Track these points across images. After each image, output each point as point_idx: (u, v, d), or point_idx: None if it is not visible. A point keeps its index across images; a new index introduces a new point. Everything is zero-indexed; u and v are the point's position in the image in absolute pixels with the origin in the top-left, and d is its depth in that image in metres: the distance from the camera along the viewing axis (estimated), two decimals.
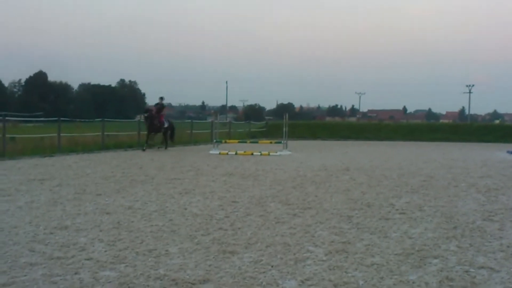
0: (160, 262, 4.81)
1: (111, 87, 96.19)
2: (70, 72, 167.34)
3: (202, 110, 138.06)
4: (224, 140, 23.48)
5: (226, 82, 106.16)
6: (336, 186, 10.34)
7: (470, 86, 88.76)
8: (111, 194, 8.88)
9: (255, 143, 24.67)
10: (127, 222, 6.57)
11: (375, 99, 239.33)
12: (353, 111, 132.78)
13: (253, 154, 19.22)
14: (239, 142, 24.54)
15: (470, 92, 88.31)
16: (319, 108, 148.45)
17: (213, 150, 20.38)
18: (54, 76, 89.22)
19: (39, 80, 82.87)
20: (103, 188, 9.59)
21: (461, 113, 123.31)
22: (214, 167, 13.98)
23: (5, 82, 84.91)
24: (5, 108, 44.90)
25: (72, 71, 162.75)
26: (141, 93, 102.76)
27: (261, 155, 19.11)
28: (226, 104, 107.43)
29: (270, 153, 19.26)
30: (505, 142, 32.63)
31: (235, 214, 7.23)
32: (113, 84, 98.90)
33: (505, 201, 8.73)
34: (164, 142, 22.08)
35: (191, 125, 29.49)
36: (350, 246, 5.47)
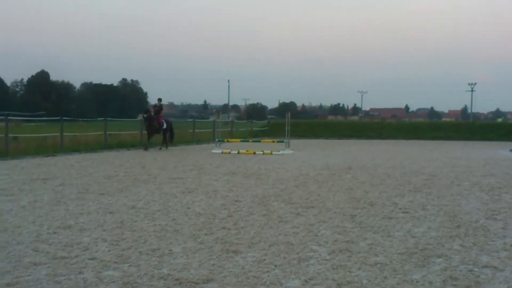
0: (164, 261, 4.82)
1: (113, 86, 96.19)
2: (72, 71, 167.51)
3: (204, 109, 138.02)
4: (226, 139, 23.50)
5: (228, 81, 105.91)
6: (338, 185, 10.34)
7: (473, 84, 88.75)
8: (114, 193, 8.89)
9: (258, 142, 24.68)
10: (130, 221, 6.58)
11: (377, 97, 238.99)
12: (355, 109, 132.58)
13: (255, 153, 19.21)
14: (241, 141, 24.52)
15: (472, 90, 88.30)
16: (321, 107, 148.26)
17: (216, 149, 20.39)
18: (56, 75, 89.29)
19: (41, 80, 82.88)
20: (106, 187, 9.60)
21: (464, 112, 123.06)
22: (216, 166, 13.98)
23: (8, 82, 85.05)
24: (8, 108, 44.91)
25: (74, 70, 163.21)
26: (143, 92, 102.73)
27: (264, 154, 19.11)
28: (228, 103, 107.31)
29: (272, 152, 19.25)
30: (508, 140, 32.49)
31: (238, 213, 7.23)
32: (115, 83, 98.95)
33: (509, 199, 8.72)
34: (164, 142, 22.11)
35: (193, 124, 29.52)
36: (353, 245, 5.46)
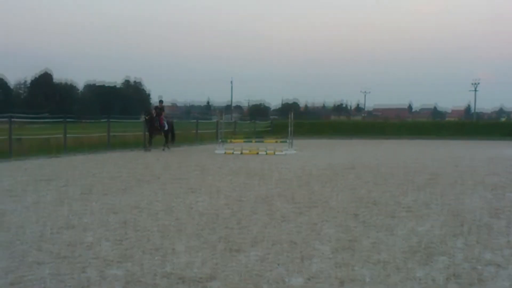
0: (167, 260, 4.83)
1: (116, 87, 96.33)
2: (74, 72, 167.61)
3: (207, 110, 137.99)
4: (229, 140, 23.50)
5: (231, 81, 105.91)
6: (342, 184, 10.33)
7: (476, 83, 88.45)
8: (118, 193, 8.92)
9: (261, 142, 24.66)
10: (134, 221, 6.59)
11: (380, 97, 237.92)
12: (359, 109, 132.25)
13: (258, 153, 19.22)
14: (244, 141, 24.50)
15: (475, 90, 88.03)
16: (324, 107, 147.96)
17: (219, 149, 20.40)
18: (59, 75, 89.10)
19: (45, 81, 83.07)
20: (109, 187, 9.63)
21: (467, 110, 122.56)
22: (219, 166, 14.00)
23: (11, 84, 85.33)
24: (11, 109, 45.00)
25: (77, 71, 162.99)
26: (146, 92, 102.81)
27: (267, 154, 19.11)
28: (231, 103, 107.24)
29: (275, 152, 19.25)
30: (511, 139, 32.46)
31: (241, 212, 7.23)
32: (118, 84, 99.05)
33: None
34: (166, 143, 22.14)
35: (197, 124, 29.58)
36: (356, 244, 5.46)
